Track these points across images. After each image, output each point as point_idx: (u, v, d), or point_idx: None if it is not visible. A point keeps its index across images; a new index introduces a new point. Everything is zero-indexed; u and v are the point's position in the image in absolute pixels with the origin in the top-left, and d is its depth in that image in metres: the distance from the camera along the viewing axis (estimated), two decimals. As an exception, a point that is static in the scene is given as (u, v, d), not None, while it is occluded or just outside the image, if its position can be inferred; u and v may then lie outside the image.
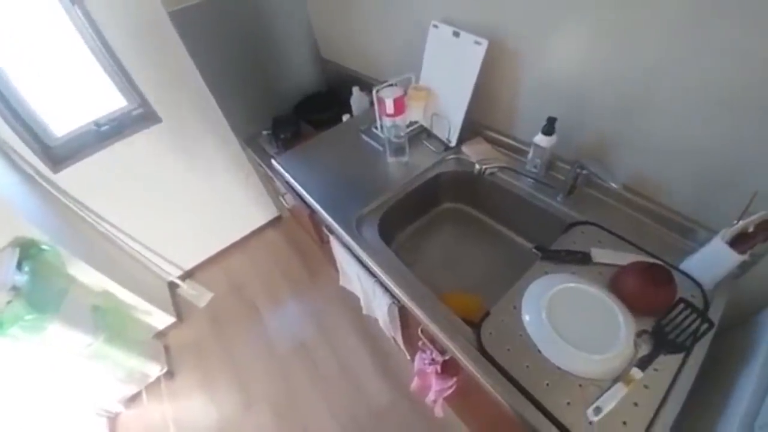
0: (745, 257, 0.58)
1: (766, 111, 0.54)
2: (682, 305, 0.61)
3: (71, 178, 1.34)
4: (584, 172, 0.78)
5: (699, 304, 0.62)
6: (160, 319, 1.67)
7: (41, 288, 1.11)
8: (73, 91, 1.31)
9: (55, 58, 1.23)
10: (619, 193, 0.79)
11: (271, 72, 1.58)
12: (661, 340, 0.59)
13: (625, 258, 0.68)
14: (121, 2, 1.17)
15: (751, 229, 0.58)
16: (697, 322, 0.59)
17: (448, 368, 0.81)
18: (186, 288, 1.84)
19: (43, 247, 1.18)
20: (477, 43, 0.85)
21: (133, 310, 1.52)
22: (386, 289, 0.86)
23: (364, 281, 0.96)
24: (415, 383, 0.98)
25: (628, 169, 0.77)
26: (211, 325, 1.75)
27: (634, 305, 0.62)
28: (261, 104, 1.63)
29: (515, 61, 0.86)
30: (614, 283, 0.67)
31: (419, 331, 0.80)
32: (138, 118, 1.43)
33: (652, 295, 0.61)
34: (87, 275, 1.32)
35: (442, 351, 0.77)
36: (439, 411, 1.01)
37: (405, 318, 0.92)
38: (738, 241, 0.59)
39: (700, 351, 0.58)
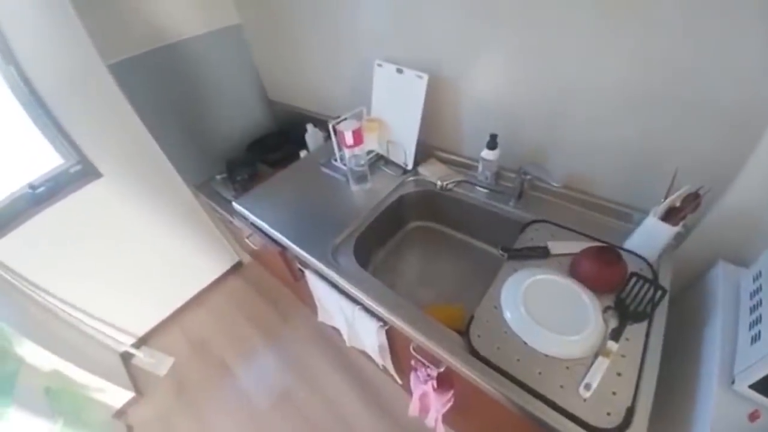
0: (678, 228, 0.68)
1: (670, 104, 0.66)
2: (634, 279, 0.69)
3: (8, 249, 1.19)
4: (528, 177, 0.88)
5: (649, 275, 0.71)
6: (117, 396, 1.47)
7: None
8: (4, 154, 1.19)
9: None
10: (560, 191, 0.90)
11: (218, 117, 1.57)
12: (624, 312, 0.66)
13: (578, 246, 0.77)
14: (56, 57, 1.13)
15: (678, 204, 0.68)
16: (651, 290, 0.67)
17: (444, 381, 0.82)
18: (142, 357, 1.65)
19: None
20: (419, 77, 0.95)
21: (86, 389, 1.33)
22: (372, 314, 0.87)
23: (346, 310, 0.96)
24: (413, 406, 0.97)
25: (564, 170, 0.88)
26: (176, 394, 1.58)
27: (594, 285, 0.70)
28: (210, 148, 1.60)
29: (454, 88, 0.97)
30: (573, 270, 0.75)
31: (411, 349, 0.81)
32: (76, 176, 1.33)
33: (607, 274, 0.70)
34: (35, 355, 1.17)
35: (437, 364, 0.78)
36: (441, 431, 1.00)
37: (394, 339, 0.92)
38: (669, 216, 0.69)
39: (661, 315, 0.66)
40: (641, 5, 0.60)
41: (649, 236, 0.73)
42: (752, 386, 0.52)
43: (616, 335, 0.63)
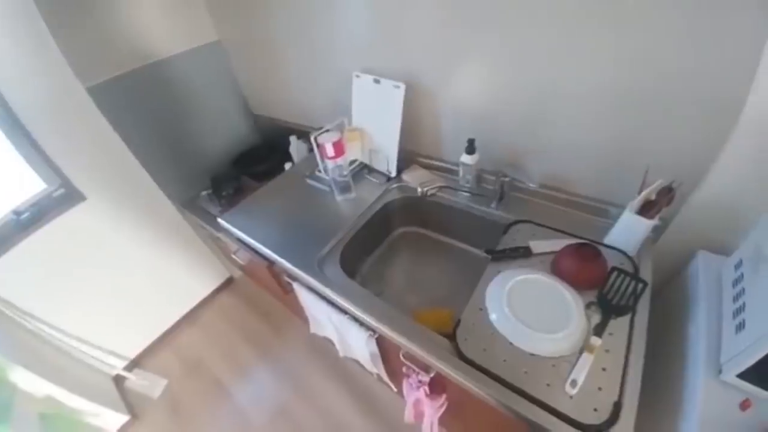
0: (655, 221, 0.70)
1: (639, 101, 0.68)
2: (615, 273, 0.71)
3: (-5, 277, 1.17)
4: (507, 179, 0.89)
5: (629, 269, 0.72)
6: (112, 420, 1.44)
7: None
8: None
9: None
10: (539, 190, 0.91)
11: (201, 133, 1.57)
12: (607, 307, 0.67)
13: (558, 244, 0.78)
14: (34, 81, 1.12)
15: (653, 197, 0.70)
16: (633, 283, 0.68)
17: (436, 386, 0.82)
18: (134, 379, 1.62)
19: None
20: (396, 86, 0.97)
21: (80, 414, 1.30)
22: (361, 323, 0.87)
23: (336, 321, 0.95)
24: (408, 413, 0.96)
25: (541, 170, 0.90)
26: (171, 415, 1.54)
27: (575, 282, 0.71)
28: (195, 166, 1.59)
29: (431, 96, 0.98)
30: (554, 267, 0.76)
31: (401, 356, 0.81)
32: (60, 200, 1.31)
33: (587, 270, 0.71)
34: (28, 381, 1.15)
35: (427, 370, 0.78)
36: (436, 436, 0.99)
37: (384, 347, 0.92)
38: (645, 210, 0.71)
39: (643, 308, 0.67)
40: (611, 7, 0.62)
41: (628, 230, 0.75)
42: (740, 375, 0.52)
43: (599, 330, 0.64)
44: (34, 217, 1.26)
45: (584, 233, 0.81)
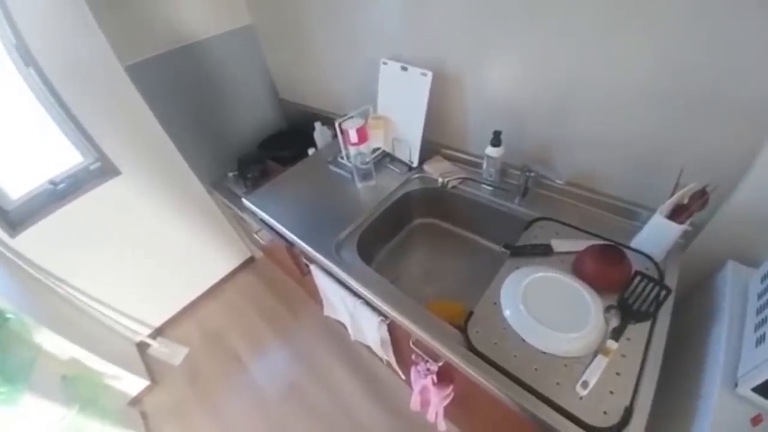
0: (685, 226, 0.66)
1: (676, 100, 0.64)
2: (639, 277, 0.68)
3: (29, 242, 1.26)
4: (532, 174, 0.87)
5: (654, 275, 0.70)
6: (133, 384, 1.54)
7: (9, 359, 1.04)
8: (27, 151, 1.26)
9: (6, 118, 1.19)
10: (565, 188, 0.88)
11: (231, 115, 1.62)
12: (627, 312, 0.65)
13: (581, 244, 0.76)
14: (76, 60, 1.17)
15: (685, 201, 0.67)
16: (656, 289, 0.66)
17: (444, 376, 0.83)
18: (157, 346, 1.71)
19: (8, 315, 1.09)
20: (423, 74, 0.95)
21: (102, 376, 1.40)
22: (373, 308, 0.88)
23: (349, 305, 0.97)
24: (414, 400, 0.98)
25: (569, 167, 0.87)
26: (189, 383, 1.63)
27: (596, 284, 0.69)
28: (224, 147, 1.64)
29: (458, 85, 0.96)
30: (576, 268, 0.74)
31: (411, 344, 0.82)
32: (96, 173, 1.39)
33: (609, 273, 0.69)
34: (53, 343, 1.22)
35: (436, 358, 0.79)
36: (442, 426, 1.01)
37: (395, 333, 0.93)
38: (676, 213, 0.67)
39: (665, 315, 0.65)
40: (649, 3, 0.59)
41: (656, 234, 0.72)
42: (755, 389, 0.51)
43: (616, 334, 0.62)
44: (70, 187, 1.34)
45: (610, 235, 0.79)
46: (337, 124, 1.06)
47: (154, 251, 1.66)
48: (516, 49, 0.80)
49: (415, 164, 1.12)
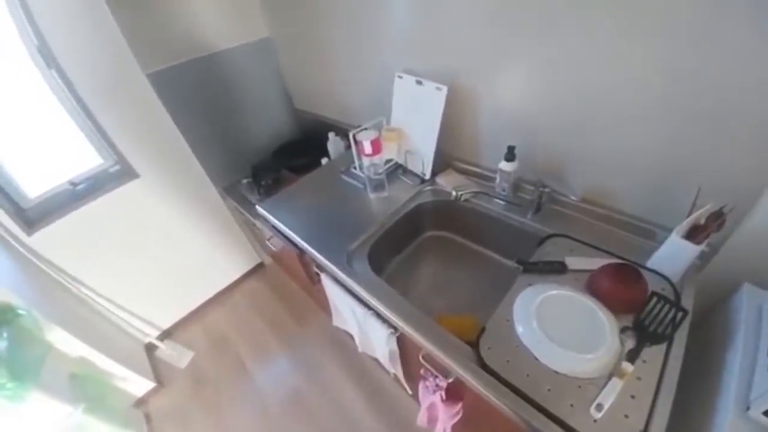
0: (702, 247, 0.65)
1: (695, 116, 0.64)
2: (655, 299, 0.67)
3: (46, 240, 1.29)
4: (547, 189, 0.87)
5: (670, 296, 0.68)
6: (139, 385, 1.55)
7: (20, 355, 1.05)
8: (48, 151, 1.30)
9: (28, 119, 1.23)
10: (580, 204, 0.88)
11: (247, 124, 1.66)
12: (643, 333, 0.64)
13: (596, 263, 0.74)
14: (98, 65, 1.22)
15: (702, 221, 0.65)
16: (672, 311, 0.64)
17: (453, 392, 0.81)
18: (164, 349, 1.73)
19: (20, 312, 1.11)
20: (438, 88, 0.96)
21: (110, 376, 1.41)
22: (383, 320, 0.88)
23: (359, 315, 0.97)
24: (421, 416, 0.96)
25: (584, 183, 0.86)
26: (194, 387, 1.64)
27: (611, 304, 0.68)
28: (239, 154, 1.68)
29: (473, 100, 0.97)
30: (590, 286, 0.73)
31: (420, 358, 0.81)
32: (115, 175, 1.43)
33: (625, 293, 0.67)
34: (64, 341, 1.24)
35: (446, 374, 0.78)
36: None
37: (404, 347, 0.92)
38: (693, 234, 0.66)
39: (681, 338, 0.63)
40: (667, 13, 0.59)
41: (672, 255, 0.71)
42: (766, 413, 0.50)
43: (632, 357, 0.61)
44: (88, 188, 1.38)
45: (626, 254, 0.77)
46: (351, 135, 1.08)
47: (166, 253, 1.68)
48: (531, 63, 0.81)
49: (427, 176, 1.12)
